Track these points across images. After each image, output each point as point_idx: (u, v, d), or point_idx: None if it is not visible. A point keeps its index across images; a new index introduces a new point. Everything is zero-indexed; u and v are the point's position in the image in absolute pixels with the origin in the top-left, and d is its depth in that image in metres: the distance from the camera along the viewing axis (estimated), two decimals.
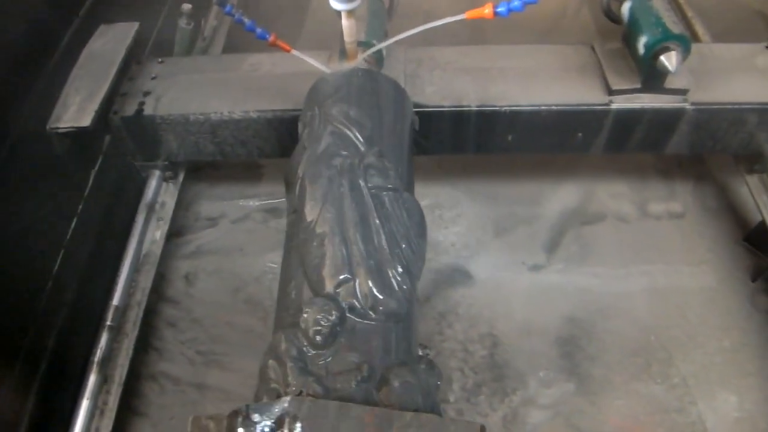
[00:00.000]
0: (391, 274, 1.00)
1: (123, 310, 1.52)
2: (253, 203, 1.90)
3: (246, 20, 1.30)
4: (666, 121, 1.51)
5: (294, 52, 1.31)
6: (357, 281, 0.98)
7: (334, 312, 0.94)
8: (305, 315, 0.94)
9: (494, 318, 1.61)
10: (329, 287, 0.98)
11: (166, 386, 1.56)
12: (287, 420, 0.79)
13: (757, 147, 1.57)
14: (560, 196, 1.85)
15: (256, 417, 0.80)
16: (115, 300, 1.51)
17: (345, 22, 1.21)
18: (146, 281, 1.59)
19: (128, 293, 1.55)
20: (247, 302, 1.68)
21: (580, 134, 1.55)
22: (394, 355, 0.96)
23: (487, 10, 1.17)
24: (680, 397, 1.48)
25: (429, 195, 1.82)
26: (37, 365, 1.33)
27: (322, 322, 0.93)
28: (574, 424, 1.45)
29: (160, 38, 1.90)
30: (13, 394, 1.26)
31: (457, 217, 1.82)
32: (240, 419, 0.80)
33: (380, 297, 0.98)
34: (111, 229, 1.63)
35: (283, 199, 1.85)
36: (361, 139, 1.15)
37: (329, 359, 0.91)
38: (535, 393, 1.49)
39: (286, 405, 0.81)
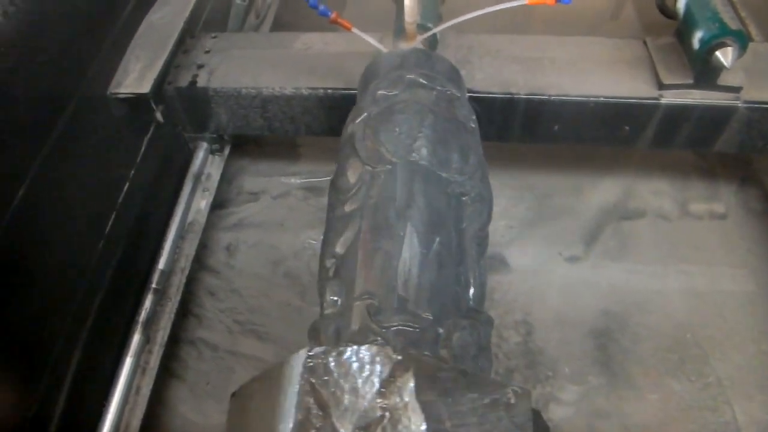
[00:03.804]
0: None
1: (168, 275, 1.56)
2: (295, 181, 1.93)
3: None
4: (716, 118, 1.50)
5: (354, 30, 1.33)
6: None
7: None
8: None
9: (529, 306, 1.62)
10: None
11: (204, 352, 1.60)
12: None
13: None
14: (600, 190, 1.84)
15: None
16: (161, 264, 1.56)
17: (408, 2, 1.23)
18: (190, 249, 1.64)
19: (173, 259, 1.60)
20: (285, 276, 1.71)
21: (627, 128, 1.55)
22: None
23: None
24: (714, 397, 1.47)
25: None
26: (84, 321, 1.38)
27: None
28: (604, 409, 1.46)
29: (212, 14, 1.93)
30: (62, 346, 1.30)
31: (495, 205, 1.81)
32: None
33: None
34: (158, 196, 1.67)
35: (324, 178, 1.90)
36: None
37: None
38: (568, 380, 1.50)
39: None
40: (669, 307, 1.61)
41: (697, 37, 1.40)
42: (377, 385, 0.72)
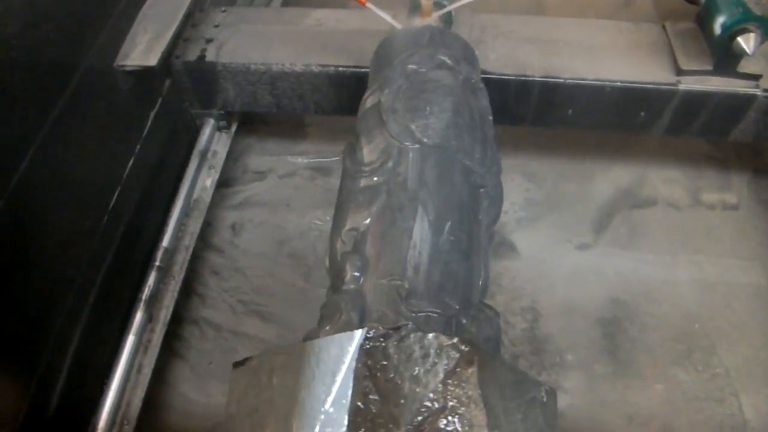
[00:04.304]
0: None
1: (171, 253, 1.54)
2: (302, 160, 1.90)
3: None
4: (735, 106, 1.47)
5: (369, 5, 1.30)
6: None
7: None
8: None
9: (537, 293, 1.60)
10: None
11: (206, 332, 1.58)
12: None
13: None
14: (611, 177, 1.82)
15: None
16: (165, 242, 1.53)
17: None
18: (195, 226, 1.61)
19: (177, 237, 1.57)
20: (290, 256, 1.69)
21: (643, 113, 1.52)
22: None
23: None
24: (721, 388, 1.46)
25: None
26: (86, 298, 1.36)
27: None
28: (610, 398, 1.45)
29: None
30: (64, 323, 1.28)
31: (505, 191, 1.79)
32: None
33: None
34: (164, 172, 1.64)
35: (331, 159, 1.88)
36: None
37: None
38: (574, 368, 1.49)
39: None
40: (678, 297, 1.60)
41: (719, 22, 1.37)
42: (441, 375, 0.69)
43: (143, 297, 1.45)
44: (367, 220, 0.96)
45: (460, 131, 1.07)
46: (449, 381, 0.69)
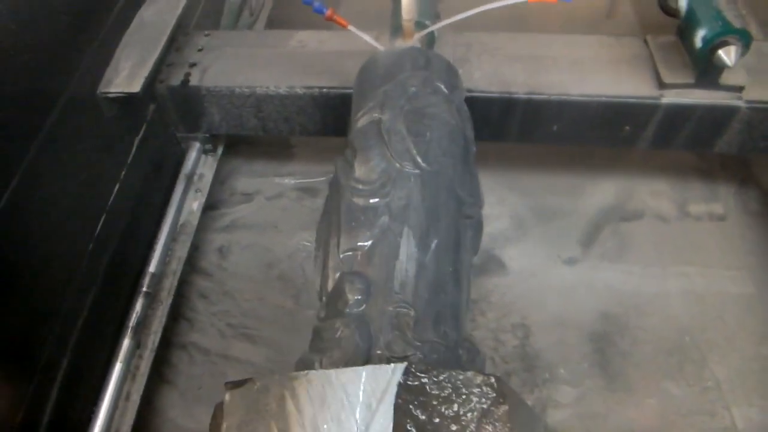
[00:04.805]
0: None
1: (159, 278, 1.53)
2: (288, 181, 1.90)
3: None
4: (718, 118, 1.47)
5: (350, 27, 1.30)
6: None
7: None
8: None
9: (527, 309, 1.60)
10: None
11: (195, 357, 1.57)
12: None
13: None
14: (598, 191, 1.82)
15: None
16: (152, 267, 1.52)
17: None
18: (182, 251, 1.60)
19: (164, 261, 1.57)
20: (279, 279, 1.68)
21: (627, 128, 1.53)
22: None
23: None
24: (713, 401, 1.45)
25: None
26: (73, 325, 1.34)
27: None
28: (602, 413, 1.44)
29: (205, 10, 1.90)
30: (51, 351, 1.27)
31: (492, 207, 1.80)
32: None
33: None
34: (150, 197, 1.64)
35: (318, 179, 1.88)
36: None
37: None
38: (566, 384, 1.48)
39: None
40: (668, 310, 1.59)
41: (700, 35, 1.38)
42: (478, 413, 0.68)
43: (131, 323, 1.44)
44: (368, 242, 0.94)
45: (455, 160, 1.08)
46: (484, 419, 0.68)
